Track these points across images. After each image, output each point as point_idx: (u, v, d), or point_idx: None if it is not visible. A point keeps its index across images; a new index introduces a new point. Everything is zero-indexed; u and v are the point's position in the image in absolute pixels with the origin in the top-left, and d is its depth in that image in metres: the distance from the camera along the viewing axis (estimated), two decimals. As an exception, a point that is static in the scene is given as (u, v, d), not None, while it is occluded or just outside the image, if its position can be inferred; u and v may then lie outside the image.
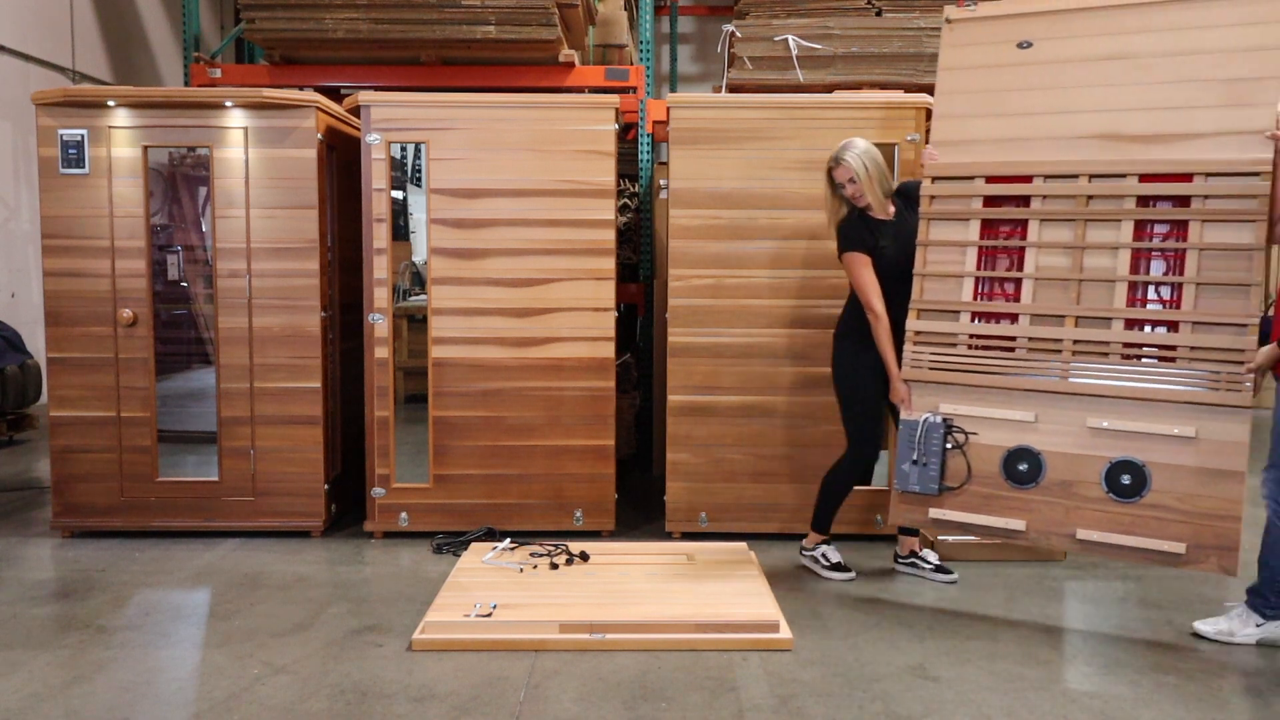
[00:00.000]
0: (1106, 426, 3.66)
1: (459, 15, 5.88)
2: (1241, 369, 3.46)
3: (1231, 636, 3.59)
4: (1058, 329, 3.76)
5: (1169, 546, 3.56)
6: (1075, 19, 3.91)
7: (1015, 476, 3.80)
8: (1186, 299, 3.61)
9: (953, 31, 4.11)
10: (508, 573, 4.11)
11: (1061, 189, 3.82)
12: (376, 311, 4.69)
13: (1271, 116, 3.57)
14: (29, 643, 3.51)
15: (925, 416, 3.92)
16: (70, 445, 4.72)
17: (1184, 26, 3.74)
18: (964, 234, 3.97)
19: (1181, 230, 3.64)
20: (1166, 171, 3.68)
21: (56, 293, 4.69)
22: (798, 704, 3.05)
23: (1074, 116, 3.86)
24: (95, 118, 4.61)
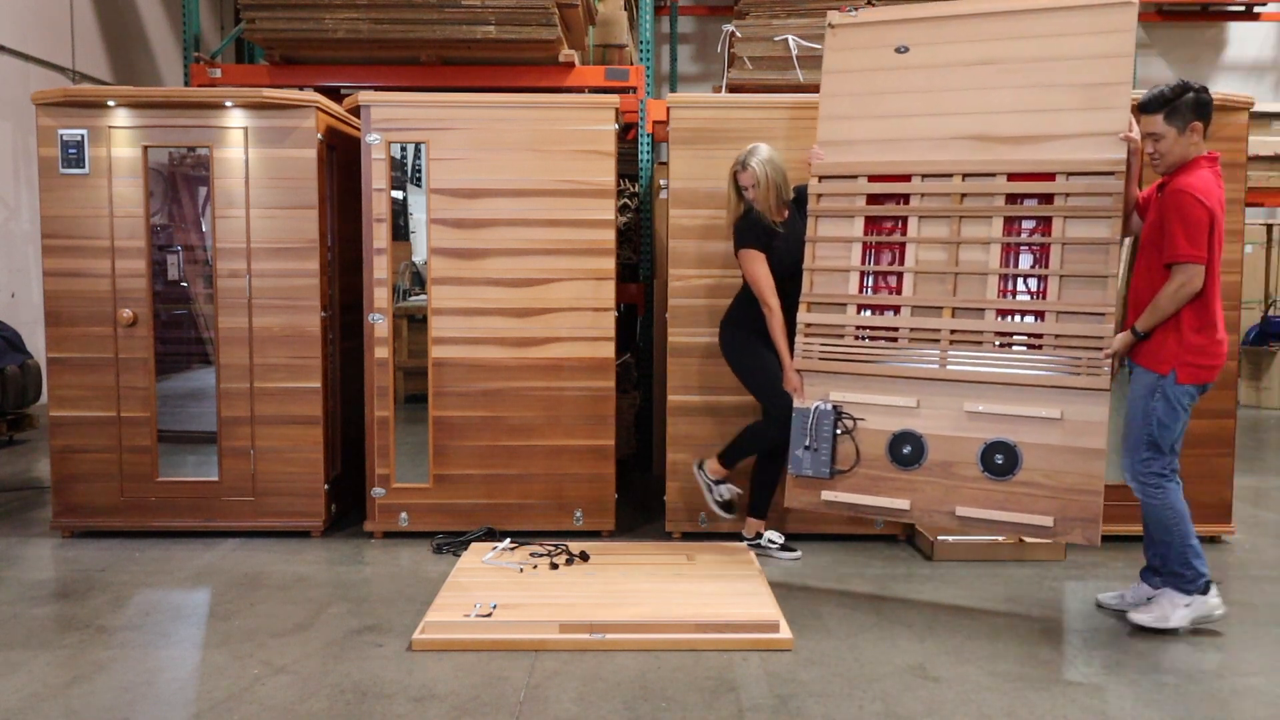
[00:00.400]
0: (981, 410, 3.88)
1: (459, 15, 5.88)
2: (1100, 355, 3.69)
3: (1166, 622, 3.66)
4: (936, 320, 3.97)
5: (1038, 520, 3.78)
6: (948, 25, 4.12)
7: (900, 459, 3.99)
8: (1051, 290, 3.84)
9: (835, 36, 4.29)
10: (508, 573, 4.11)
11: (938, 187, 4.03)
12: (376, 311, 4.69)
13: (1125, 119, 3.80)
14: (29, 643, 3.51)
15: (816, 404, 4.10)
16: (70, 445, 4.72)
17: (1046, 34, 3.97)
18: (849, 230, 4.16)
19: (1046, 226, 3.89)
20: (1032, 171, 3.92)
21: (56, 293, 4.69)
22: (798, 704, 3.05)
23: (948, 119, 4.06)
24: (95, 118, 4.61)
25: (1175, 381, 3.61)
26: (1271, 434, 8.15)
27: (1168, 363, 3.62)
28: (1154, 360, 3.65)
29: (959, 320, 3.94)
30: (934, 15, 4.15)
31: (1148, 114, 3.65)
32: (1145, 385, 3.68)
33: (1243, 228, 4.72)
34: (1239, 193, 4.67)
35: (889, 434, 4.01)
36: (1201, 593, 3.67)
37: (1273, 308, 10.22)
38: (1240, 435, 6.84)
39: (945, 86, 4.10)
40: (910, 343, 4.00)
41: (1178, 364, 3.60)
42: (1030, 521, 3.80)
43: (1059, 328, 3.80)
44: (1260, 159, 9.06)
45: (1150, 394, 3.66)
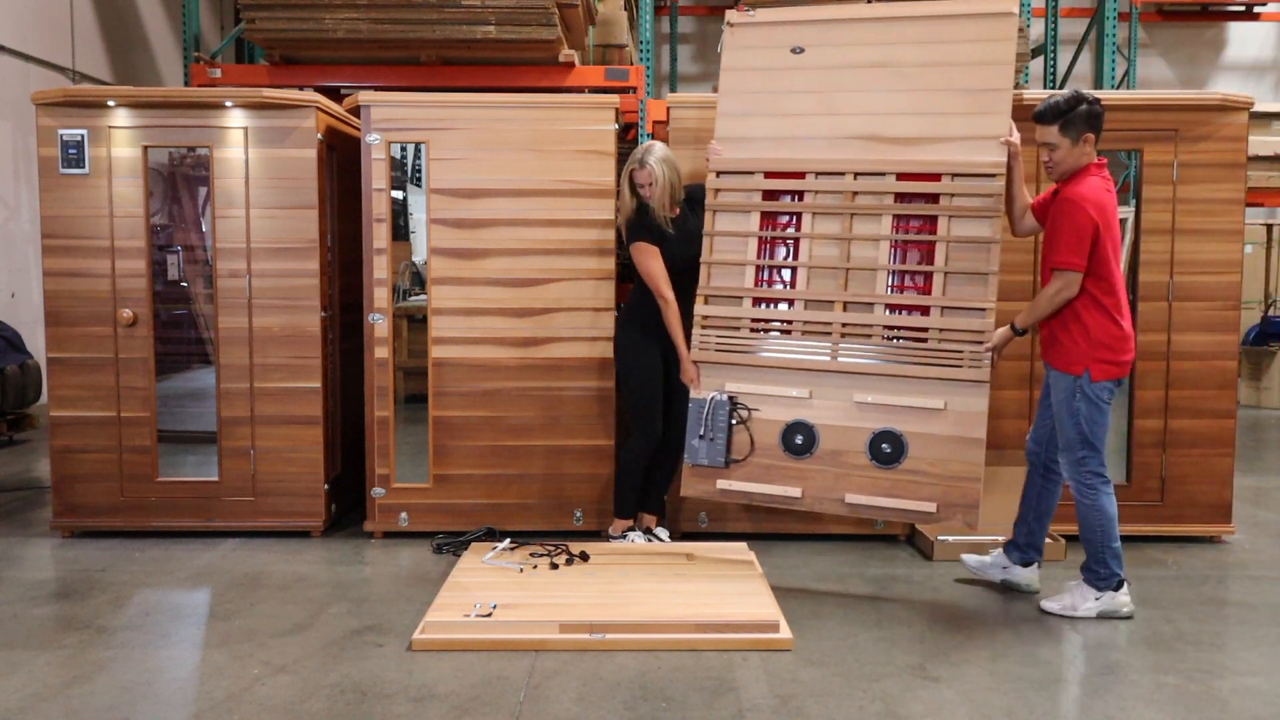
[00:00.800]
0: (870, 401, 4.04)
1: (459, 15, 5.88)
2: (982, 348, 3.88)
3: (1074, 611, 3.82)
4: (828, 313, 4.11)
5: (923, 506, 3.95)
6: (840, 28, 4.24)
7: (792, 448, 4.12)
8: (936, 286, 4.01)
9: (734, 34, 4.36)
10: (508, 573, 4.11)
11: (831, 185, 4.15)
12: (376, 311, 4.68)
13: (1006, 124, 3.98)
14: (29, 643, 3.51)
15: (712, 395, 4.18)
16: (70, 445, 4.72)
17: (933, 40, 4.13)
18: (746, 225, 4.24)
19: (933, 224, 4.05)
20: (920, 171, 4.07)
21: (56, 293, 4.69)
22: (798, 704, 3.05)
23: (841, 119, 4.18)
24: (95, 118, 4.61)
25: (1091, 380, 3.73)
26: (1271, 434, 8.15)
27: (1080, 363, 3.75)
28: (1066, 362, 3.78)
29: (850, 314, 4.09)
30: (827, 18, 4.28)
31: (1043, 124, 3.78)
32: (1064, 388, 3.80)
33: (1243, 228, 4.72)
34: (1239, 193, 4.68)
35: (782, 424, 4.13)
36: (1113, 589, 3.82)
37: (1273, 308, 10.22)
38: (1240, 435, 6.84)
39: (839, 87, 4.21)
40: (803, 335, 4.14)
41: (1090, 363, 3.73)
42: (915, 508, 3.96)
43: (943, 322, 3.97)
44: (1260, 159, 9.06)
45: (1071, 396, 3.78)
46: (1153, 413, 4.73)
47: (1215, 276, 4.70)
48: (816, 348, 4.11)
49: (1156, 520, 4.77)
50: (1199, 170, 4.65)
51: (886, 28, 4.19)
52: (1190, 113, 4.64)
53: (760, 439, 4.16)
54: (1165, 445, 4.73)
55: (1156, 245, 4.70)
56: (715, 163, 4.28)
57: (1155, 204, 4.69)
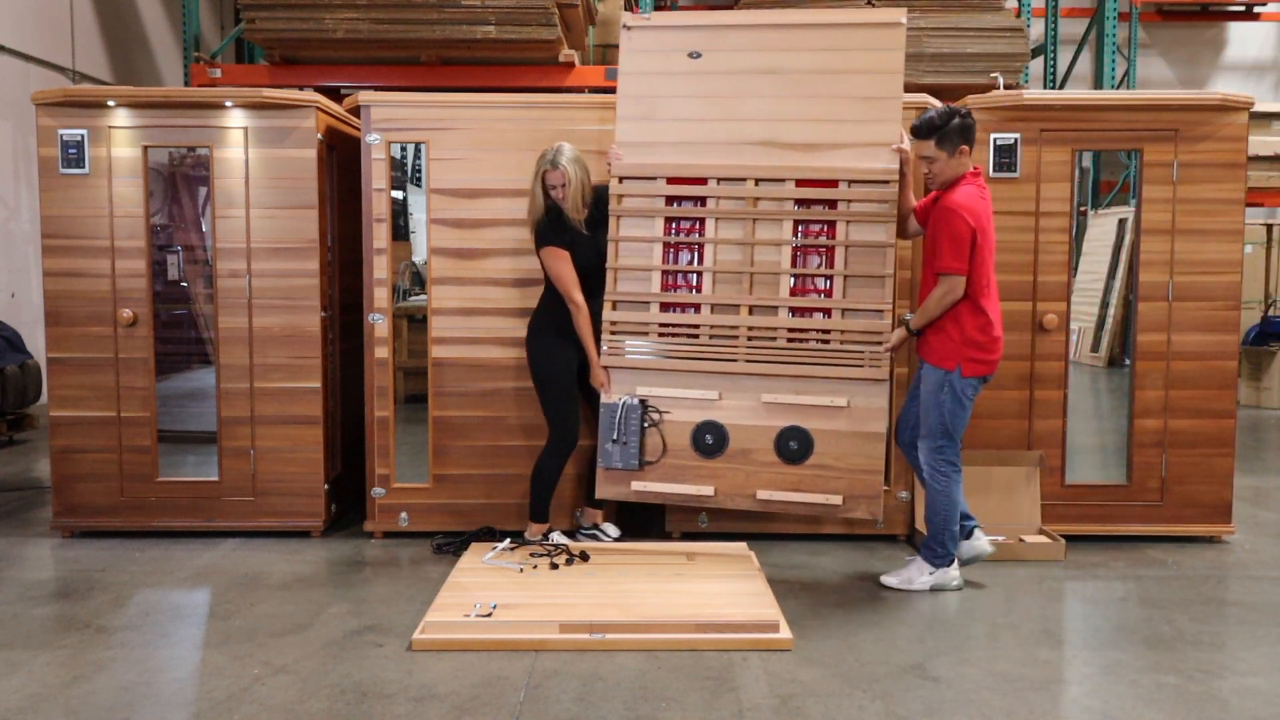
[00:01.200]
0: (777, 401, 4.20)
1: (459, 15, 5.89)
2: (880, 348, 4.13)
3: (911, 584, 4.08)
4: (734, 317, 4.24)
5: (830, 499, 4.19)
6: (737, 34, 4.30)
7: (703, 448, 4.27)
8: (836, 289, 4.20)
9: (631, 39, 4.38)
10: (508, 573, 4.11)
11: (733, 191, 4.25)
12: (376, 311, 4.68)
13: (897, 132, 4.17)
14: (29, 643, 3.51)
15: (624, 399, 4.28)
16: (70, 445, 4.72)
17: (825, 48, 4.23)
18: (650, 230, 4.31)
19: (831, 229, 4.20)
20: (818, 177, 4.21)
21: (56, 293, 4.69)
22: (798, 704, 3.05)
23: (740, 124, 4.26)
24: (95, 118, 4.61)
25: (960, 376, 3.94)
26: (1271, 434, 8.15)
27: (953, 359, 3.94)
28: (940, 358, 3.98)
29: (755, 318, 4.22)
30: (723, 24, 4.33)
31: (921, 139, 3.94)
32: (934, 381, 4.00)
33: (1243, 228, 4.72)
34: (1239, 193, 4.68)
35: (693, 425, 4.26)
36: (945, 566, 4.10)
37: (1273, 308, 10.22)
38: (1240, 435, 6.83)
39: (737, 93, 4.28)
40: (711, 339, 4.25)
41: (961, 360, 3.94)
42: (822, 501, 4.19)
43: (844, 324, 4.17)
44: (1260, 159, 9.06)
45: (939, 388, 3.98)
46: (1153, 413, 4.72)
47: (1215, 276, 4.70)
48: (724, 350, 4.24)
49: (1156, 520, 4.77)
50: (1199, 170, 4.65)
51: (780, 35, 4.28)
52: (1190, 113, 4.64)
53: (672, 441, 4.28)
54: (1165, 445, 4.73)
55: (1156, 245, 4.70)
56: (617, 168, 4.32)
57: (1155, 204, 4.69)
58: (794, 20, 4.34)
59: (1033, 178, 4.66)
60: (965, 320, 3.93)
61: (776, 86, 4.24)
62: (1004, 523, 4.70)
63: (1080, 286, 9.72)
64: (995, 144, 4.64)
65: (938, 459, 4.03)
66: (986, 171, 4.65)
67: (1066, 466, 4.77)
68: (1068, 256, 4.71)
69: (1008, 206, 4.67)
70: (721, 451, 4.25)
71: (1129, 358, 4.79)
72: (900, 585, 4.10)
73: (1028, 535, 4.65)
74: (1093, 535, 4.76)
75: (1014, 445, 4.75)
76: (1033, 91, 4.94)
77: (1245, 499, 5.67)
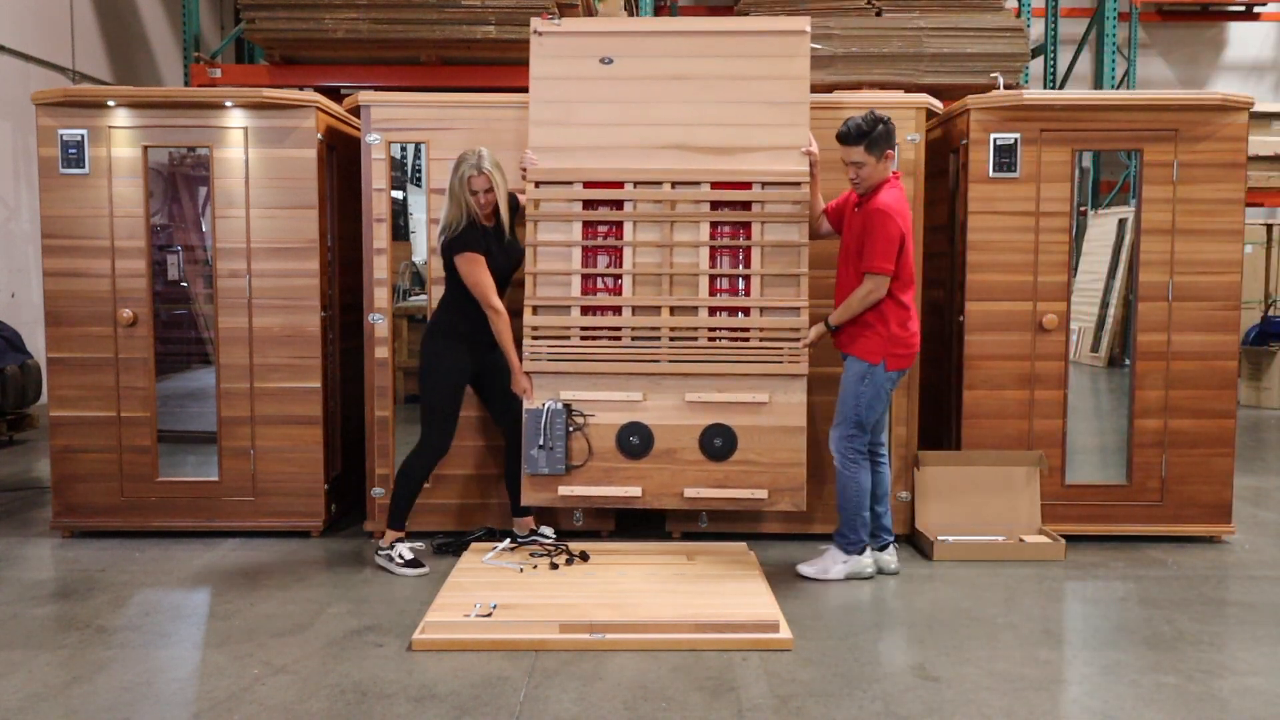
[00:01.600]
0: (700, 400, 4.30)
1: (459, 15, 5.89)
2: (799, 345, 4.27)
3: (826, 574, 4.17)
4: (655, 319, 4.32)
5: (755, 494, 4.30)
6: (648, 40, 4.37)
7: (629, 449, 4.33)
8: (754, 289, 4.30)
9: (541, 44, 4.42)
10: (508, 573, 4.11)
11: (649, 194, 4.32)
12: (376, 311, 4.68)
13: (806, 135, 4.30)
14: (29, 643, 3.51)
15: (548, 403, 4.29)
16: (70, 445, 4.72)
17: (734, 54, 4.31)
18: (569, 235, 4.36)
19: (747, 230, 4.31)
20: (732, 180, 4.32)
21: (56, 293, 4.69)
22: (798, 704, 3.05)
23: (655, 129, 4.34)
24: (95, 118, 4.61)
25: (885, 370, 4.08)
26: (1271, 434, 8.15)
27: (878, 354, 4.07)
28: (865, 352, 4.09)
29: (676, 319, 4.31)
30: (634, 30, 4.42)
31: (850, 145, 4.00)
32: (856, 373, 4.12)
33: (1243, 228, 4.72)
34: (1239, 193, 4.68)
35: (618, 427, 4.31)
36: (858, 554, 4.21)
37: (1273, 308, 10.22)
38: (1240, 435, 6.83)
39: (650, 98, 4.35)
40: (633, 341, 4.32)
41: (886, 355, 4.07)
42: (748, 495, 4.30)
43: (762, 322, 4.28)
44: (1260, 159, 9.06)
45: (860, 380, 4.10)
46: (1153, 413, 4.72)
47: (1215, 276, 4.70)
48: (646, 352, 4.30)
49: (1156, 520, 4.76)
50: (1199, 170, 4.65)
51: (690, 41, 4.35)
52: (1190, 113, 4.64)
53: (598, 443, 4.33)
54: (1165, 445, 4.73)
55: (1156, 245, 4.70)
56: (533, 173, 4.35)
57: (1155, 204, 4.69)
58: (703, 27, 4.42)
59: (1033, 178, 4.66)
60: (889, 315, 4.06)
61: (688, 91, 4.32)
62: (1004, 523, 4.70)
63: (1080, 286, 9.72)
64: (995, 144, 4.64)
65: (848, 447, 4.15)
66: (987, 171, 4.66)
67: (1066, 466, 4.77)
68: (1068, 256, 4.71)
69: (1008, 206, 4.68)
70: (647, 452, 4.32)
71: (1129, 358, 4.79)
72: (817, 575, 4.18)
73: (1028, 535, 4.65)
74: (1093, 535, 4.76)
75: (1014, 445, 4.75)
76: (1033, 91, 4.94)
77: (1245, 499, 5.67)
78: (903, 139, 4.62)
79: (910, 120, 4.62)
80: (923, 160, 4.64)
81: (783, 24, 4.39)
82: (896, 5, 6.69)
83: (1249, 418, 8.78)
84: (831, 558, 4.22)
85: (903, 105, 4.65)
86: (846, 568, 4.19)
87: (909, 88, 5.98)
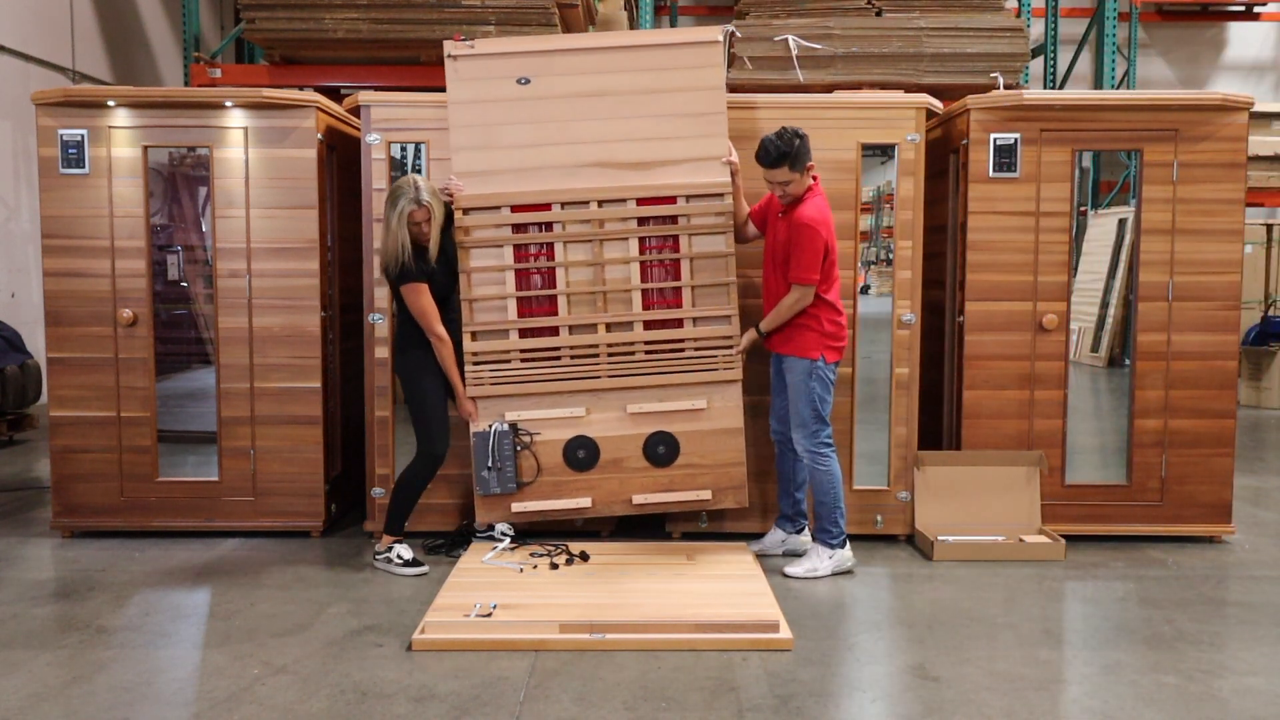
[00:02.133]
0: (641, 410, 4.40)
1: (459, 15, 5.89)
2: (732, 352, 4.38)
3: (815, 572, 4.22)
4: (592, 336, 4.39)
5: (699, 495, 4.42)
6: (561, 59, 4.37)
7: (576, 463, 4.42)
8: (686, 300, 4.40)
9: (456, 67, 4.40)
10: (508, 573, 4.11)
11: (576, 215, 4.38)
12: (376, 311, 4.68)
13: (725, 145, 4.36)
14: (29, 643, 3.51)
15: (494, 425, 4.37)
16: (70, 445, 4.72)
17: (649, 68, 4.35)
18: (501, 259, 4.40)
19: (675, 243, 4.40)
20: (656, 195, 4.38)
21: (56, 293, 4.69)
22: (798, 704, 3.05)
23: (576, 147, 4.37)
24: (95, 118, 4.61)
25: (825, 363, 4.22)
26: (1271, 434, 8.15)
27: (816, 349, 4.21)
28: (802, 350, 4.23)
29: (613, 334, 4.39)
30: (545, 49, 4.40)
31: (774, 168, 4.07)
32: (802, 371, 4.23)
33: (1243, 228, 4.72)
34: (1239, 193, 4.68)
35: (564, 442, 4.41)
36: (841, 547, 4.26)
37: (1273, 308, 10.21)
38: (1240, 435, 6.84)
39: (569, 116, 4.37)
40: (572, 359, 4.40)
41: (823, 349, 4.22)
42: (693, 497, 4.42)
43: (696, 332, 4.39)
44: (1260, 159, 9.06)
45: (808, 377, 4.21)
46: (1153, 413, 4.72)
47: (1215, 276, 4.70)
48: (586, 369, 4.39)
49: (1156, 520, 4.77)
50: (1199, 170, 4.65)
51: (605, 57, 4.38)
52: (1190, 113, 4.64)
53: (546, 459, 4.42)
54: (1165, 445, 4.73)
55: (1156, 245, 4.70)
56: (460, 199, 4.35)
57: (1155, 204, 4.69)
58: (616, 43, 4.43)
59: (1033, 178, 4.66)
60: (821, 314, 4.21)
61: (606, 108, 4.36)
62: (1004, 523, 4.70)
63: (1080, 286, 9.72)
64: (995, 144, 4.64)
65: (815, 443, 4.24)
66: (987, 171, 4.66)
67: (1066, 466, 4.77)
68: (1068, 256, 4.71)
69: (1008, 206, 4.68)
70: (594, 464, 4.41)
71: (1129, 358, 4.79)
72: (806, 574, 4.21)
73: (1028, 535, 4.65)
74: (1093, 535, 4.76)
75: (1014, 445, 4.75)
76: (1033, 91, 4.94)
77: (1245, 499, 5.67)
78: (902, 139, 4.62)
79: (910, 120, 4.62)
80: (923, 160, 4.64)
81: (695, 34, 4.41)
82: (896, 5, 6.68)
83: (1249, 418, 8.79)
84: (818, 555, 4.27)
85: (903, 105, 4.65)
86: (833, 563, 4.24)
87: (909, 88, 5.98)
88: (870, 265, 18.79)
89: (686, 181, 4.36)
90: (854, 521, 4.70)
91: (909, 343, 4.64)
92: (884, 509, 4.72)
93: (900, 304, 4.63)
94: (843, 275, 4.65)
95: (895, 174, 4.64)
